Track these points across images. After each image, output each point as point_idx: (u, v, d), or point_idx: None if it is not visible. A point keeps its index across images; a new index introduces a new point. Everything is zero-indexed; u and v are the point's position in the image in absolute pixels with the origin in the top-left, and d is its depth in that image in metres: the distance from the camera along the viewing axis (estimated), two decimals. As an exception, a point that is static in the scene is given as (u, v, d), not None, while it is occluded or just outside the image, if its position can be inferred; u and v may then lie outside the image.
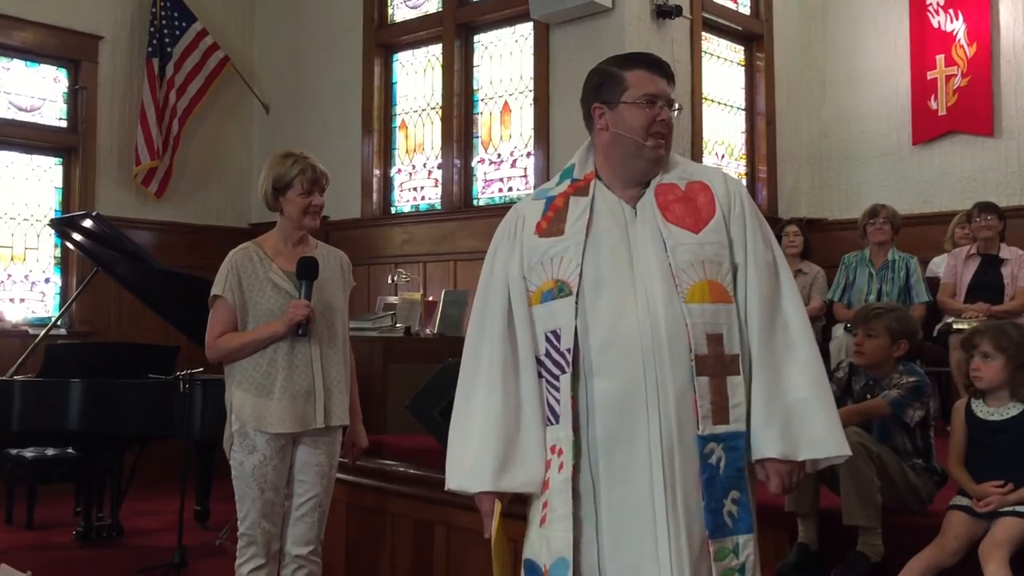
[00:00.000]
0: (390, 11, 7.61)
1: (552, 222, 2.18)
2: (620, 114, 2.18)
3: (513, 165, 6.82)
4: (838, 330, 5.42)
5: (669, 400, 2.04)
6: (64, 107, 7.33)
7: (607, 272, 2.11)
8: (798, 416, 2.08)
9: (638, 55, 2.26)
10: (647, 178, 2.20)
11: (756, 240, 2.17)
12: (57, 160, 7.29)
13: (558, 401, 2.10)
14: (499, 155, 6.91)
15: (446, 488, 2.20)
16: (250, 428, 3.18)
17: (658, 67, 2.21)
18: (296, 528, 3.26)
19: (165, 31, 7.47)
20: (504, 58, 6.90)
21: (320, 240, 3.48)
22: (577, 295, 2.09)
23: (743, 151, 7.22)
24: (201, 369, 4.58)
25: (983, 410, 3.03)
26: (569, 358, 2.07)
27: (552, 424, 2.11)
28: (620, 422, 2.05)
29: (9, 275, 7.06)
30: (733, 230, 2.17)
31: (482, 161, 7.01)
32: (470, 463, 2.13)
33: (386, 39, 7.56)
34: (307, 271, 3.21)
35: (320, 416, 3.23)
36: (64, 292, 7.19)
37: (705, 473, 2.04)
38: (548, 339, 2.12)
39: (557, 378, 2.10)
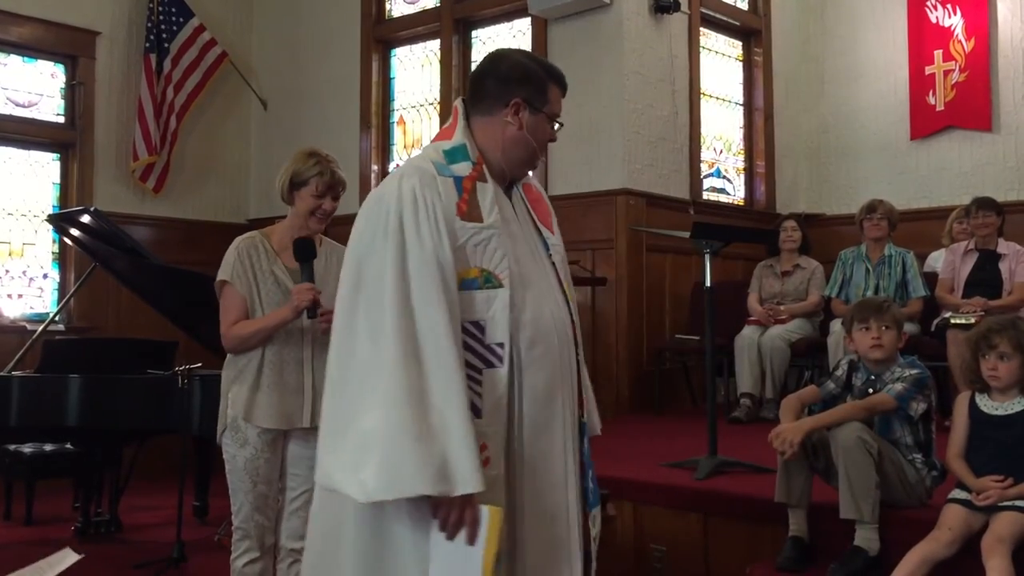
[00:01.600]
0: (388, 6, 7.60)
1: (470, 206, 2.10)
2: (539, 122, 2.19)
3: (511, 160, 6.81)
4: (836, 325, 5.42)
5: (573, 392, 2.17)
6: (62, 103, 7.31)
7: (526, 266, 2.13)
8: None
9: (558, 73, 2.23)
10: (516, 180, 2.27)
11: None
12: (55, 156, 7.28)
13: (479, 395, 2.03)
14: (497, 150, 6.90)
15: (394, 495, 1.90)
16: (241, 421, 3.18)
17: (566, 91, 2.27)
18: (290, 522, 3.25)
19: (163, 26, 7.45)
20: (502, 53, 6.89)
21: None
22: (511, 289, 2.07)
23: (741, 146, 7.22)
24: (200, 364, 4.58)
25: (987, 404, 3.03)
26: (502, 352, 2.04)
27: (473, 418, 2.00)
28: (542, 414, 2.10)
29: (7, 271, 7.05)
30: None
31: (480, 156, 7.00)
32: (436, 465, 1.89)
33: (384, 34, 7.55)
34: (304, 252, 3.21)
35: (307, 416, 3.20)
36: (62, 288, 7.17)
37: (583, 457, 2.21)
38: (467, 330, 2.04)
39: (480, 371, 2.04)
